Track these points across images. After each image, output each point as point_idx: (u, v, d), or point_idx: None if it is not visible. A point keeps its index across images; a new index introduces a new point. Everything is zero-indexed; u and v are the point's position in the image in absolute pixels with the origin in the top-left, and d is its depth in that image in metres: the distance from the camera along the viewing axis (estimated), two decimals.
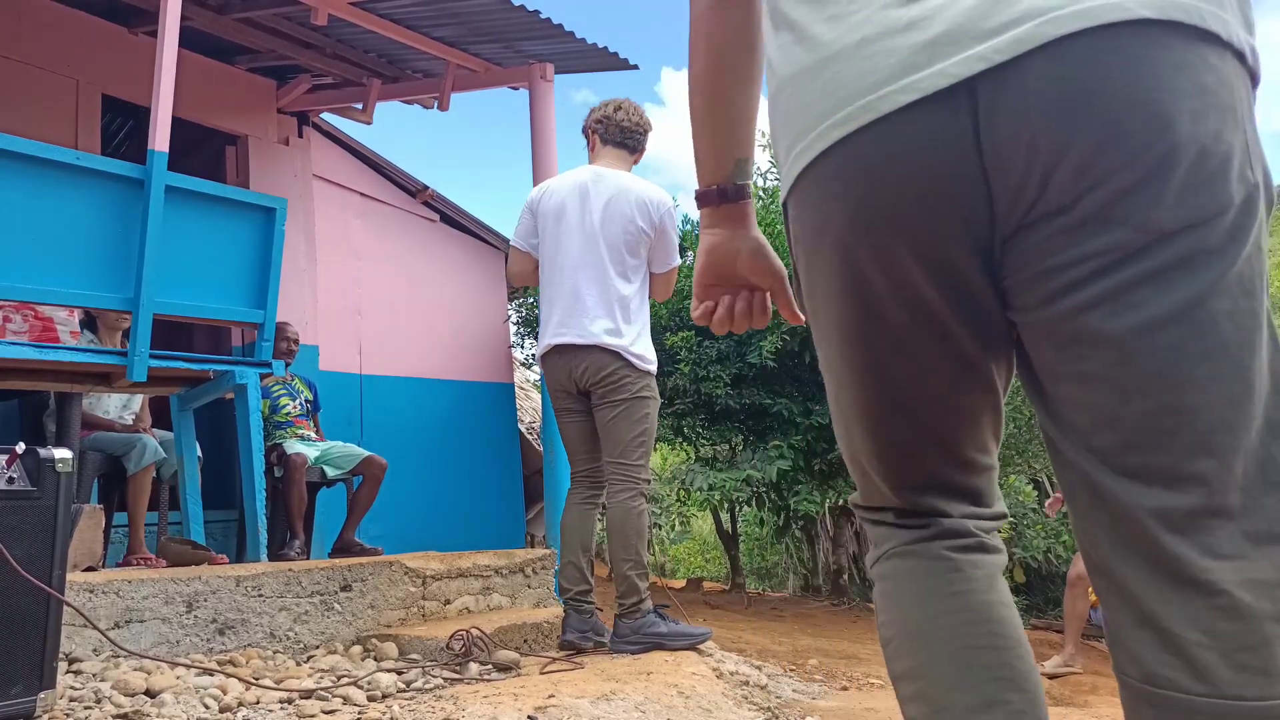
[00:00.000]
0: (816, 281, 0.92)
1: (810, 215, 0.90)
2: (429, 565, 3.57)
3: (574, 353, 3.06)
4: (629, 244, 3.12)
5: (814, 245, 0.91)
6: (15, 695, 1.91)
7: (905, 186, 0.82)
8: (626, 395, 3.04)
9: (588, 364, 3.05)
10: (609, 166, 3.22)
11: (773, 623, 5.84)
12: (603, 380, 3.05)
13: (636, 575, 3.01)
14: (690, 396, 6.24)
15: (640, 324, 3.11)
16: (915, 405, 0.92)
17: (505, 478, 6.95)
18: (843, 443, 1.01)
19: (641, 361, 3.06)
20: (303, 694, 2.34)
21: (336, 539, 4.50)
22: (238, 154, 5.63)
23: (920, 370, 0.90)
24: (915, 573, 0.95)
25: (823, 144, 0.85)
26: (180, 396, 3.78)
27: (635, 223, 3.11)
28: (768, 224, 6.48)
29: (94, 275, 3.13)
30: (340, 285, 6.06)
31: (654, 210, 3.13)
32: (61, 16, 4.81)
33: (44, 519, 2.01)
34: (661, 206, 3.14)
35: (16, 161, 2.95)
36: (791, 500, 6.26)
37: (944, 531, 0.96)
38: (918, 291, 0.86)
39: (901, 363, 0.90)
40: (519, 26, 4.78)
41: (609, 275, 3.09)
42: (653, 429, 3.11)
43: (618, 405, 3.05)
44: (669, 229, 3.15)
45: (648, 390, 3.07)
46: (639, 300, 3.14)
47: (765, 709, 2.67)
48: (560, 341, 3.08)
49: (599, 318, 3.05)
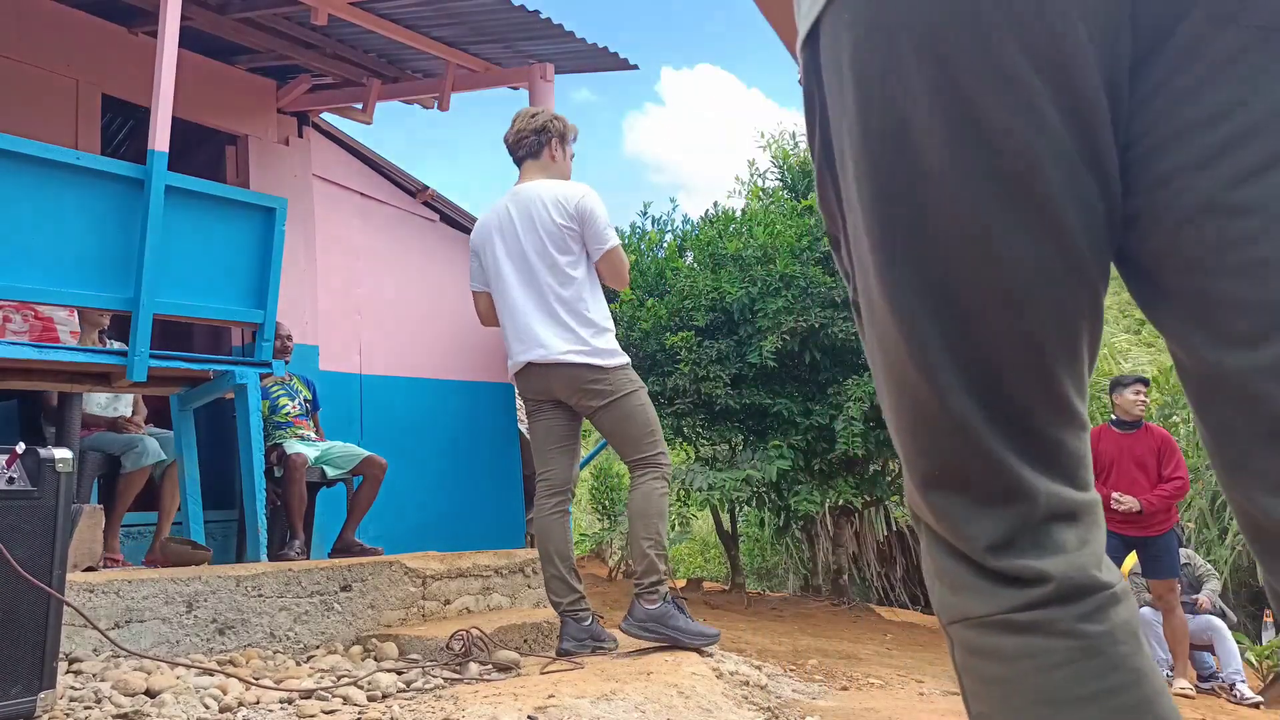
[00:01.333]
0: (885, 123, 0.68)
1: (872, 17, 0.67)
2: (429, 565, 3.57)
3: (545, 371, 3.11)
4: (555, 243, 3.12)
5: (878, 70, 0.67)
6: (15, 695, 1.91)
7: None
8: (614, 397, 3.08)
9: (562, 382, 3.09)
10: (527, 180, 3.26)
11: (773, 623, 5.84)
12: (582, 393, 3.09)
13: (656, 555, 3.02)
14: (690, 396, 6.24)
15: (596, 317, 3.12)
16: (1022, 293, 0.68)
17: (505, 478, 6.95)
18: (900, 390, 0.75)
19: (610, 357, 3.08)
20: (303, 694, 2.34)
21: (336, 539, 4.50)
22: (238, 154, 5.63)
23: (1034, 239, 0.67)
24: (1041, 666, 0.69)
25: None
26: (180, 396, 3.77)
27: (554, 221, 3.12)
28: (767, 224, 6.48)
29: (94, 275, 3.13)
30: (340, 285, 6.06)
31: (568, 202, 3.13)
32: (61, 16, 4.81)
33: (44, 519, 2.01)
34: (574, 197, 3.14)
35: (16, 161, 2.95)
36: (791, 500, 6.26)
37: (1065, 591, 0.70)
38: (1043, 122, 0.65)
39: (1012, 228, 0.67)
40: (519, 26, 4.78)
41: (545, 287, 3.11)
42: (651, 412, 3.15)
43: (610, 410, 3.09)
44: (589, 213, 3.13)
45: (627, 383, 3.09)
46: (588, 294, 3.13)
47: (765, 709, 2.67)
48: (529, 359, 3.13)
49: (554, 334, 3.08)
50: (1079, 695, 0.67)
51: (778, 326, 5.87)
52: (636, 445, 3.10)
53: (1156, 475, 5.06)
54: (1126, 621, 0.70)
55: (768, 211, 7.03)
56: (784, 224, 6.42)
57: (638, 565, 3.06)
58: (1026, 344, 0.70)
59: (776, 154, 9.03)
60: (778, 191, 8.52)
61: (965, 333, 0.70)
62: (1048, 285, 0.68)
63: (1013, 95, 0.64)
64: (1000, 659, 0.71)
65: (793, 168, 8.55)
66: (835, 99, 0.71)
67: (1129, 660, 0.68)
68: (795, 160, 8.68)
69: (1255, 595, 8.43)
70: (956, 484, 0.74)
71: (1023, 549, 0.72)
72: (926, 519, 0.78)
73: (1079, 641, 0.68)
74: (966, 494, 0.74)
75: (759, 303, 6.05)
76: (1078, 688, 0.67)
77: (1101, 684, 0.67)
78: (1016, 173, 0.66)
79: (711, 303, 6.06)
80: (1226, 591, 7.05)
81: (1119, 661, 0.68)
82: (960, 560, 0.75)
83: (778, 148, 9.25)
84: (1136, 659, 0.69)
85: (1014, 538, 0.72)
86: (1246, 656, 5.88)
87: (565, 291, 3.10)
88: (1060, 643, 0.69)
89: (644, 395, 3.15)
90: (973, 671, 0.74)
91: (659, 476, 3.09)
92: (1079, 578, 0.70)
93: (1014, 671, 0.70)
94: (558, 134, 3.29)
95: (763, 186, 9.16)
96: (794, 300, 5.96)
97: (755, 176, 9.45)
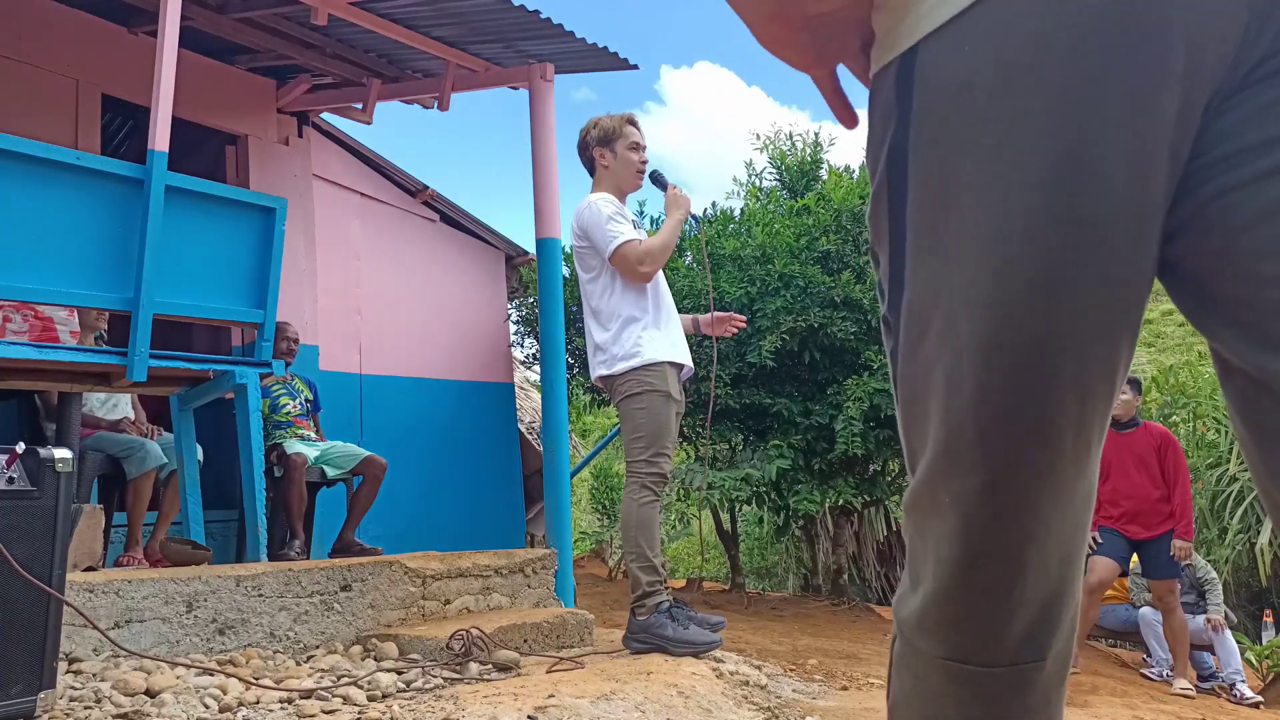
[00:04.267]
0: (985, 156, 0.67)
1: (993, 49, 0.66)
2: (429, 565, 3.57)
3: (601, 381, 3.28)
4: (580, 263, 3.25)
5: (993, 99, 0.66)
6: (15, 695, 1.91)
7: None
8: (618, 399, 3.15)
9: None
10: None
11: (773, 623, 5.84)
12: (612, 398, 3.23)
13: (639, 569, 3.03)
14: (690, 396, 6.24)
15: (615, 325, 3.16)
16: (1084, 342, 0.68)
17: (505, 478, 6.95)
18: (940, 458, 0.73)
19: (620, 363, 3.11)
20: (303, 694, 2.34)
21: (336, 539, 4.50)
22: (238, 154, 5.63)
23: (1108, 284, 0.67)
24: (960, 716, 0.77)
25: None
26: (180, 396, 3.77)
27: (575, 245, 3.27)
28: (765, 224, 6.48)
29: (94, 275, 3.13)
30: (340, 285, 6.06)
31: (575, 222, 3.25)
32: (61, 16, 4.80)
33: (44, 519, 2.01)
34: (578, 214, 3.24)
35: (16, 161, 2.95)
36: (791, 500, 6.26)
37: (1003, 657, 0.76)
38: (1151, 158, 0.65)
39: (1093, 270, 0.67)
40: (519, 26, 4.77)
41: (586, 303, 3.26)
42: (650, 421, 3.08)
43: (619, 412, 3.16)
44: (588, 227, 3.19)
45: (635, 385, 3.09)
46: (608, 300, 3.18)
47: (765, 709, 2.67)
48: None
49: (592, 350, 3.23)
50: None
51: (777, 326, 5.87)
52: (628, 450, 3.13)
53: (1158, 473, 5.06)
54: (1045, 690, 0.76)
55: (766, 211, 7.03)
56: (782, 224, 6.42)
57: (630, 580, 3.12)
58: (1077, 401, 0.71)
59: (773, 155, 9.01)
60: (775, 191, 8.52)
61: (1021, 385, 0.70)
62: (1103, 331, 0.69)
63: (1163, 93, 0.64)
64: (926, 686, 0.78)
65: (790, 168, 8.54)
66: (955, 114, 0.70)
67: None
68: (793, 161, 8.68)
69: (1255, 595, 8.43)
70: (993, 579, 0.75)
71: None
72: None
73: (997, 706, 0.75)
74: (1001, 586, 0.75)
75: (758, 303, 6.05)
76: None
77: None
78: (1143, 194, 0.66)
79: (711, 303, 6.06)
80: (1227, 591, 7.05)
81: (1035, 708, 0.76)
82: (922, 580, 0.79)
83: (774, 149, 9.23)
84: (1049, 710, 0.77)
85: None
86: (1246, 656, 5.88)
87: (591, 304, 3.23)
88: (980, 706, 0.75)
89: (651, 401, 3.09)
90: (902, 670, 0.81)
91: (640, 486, 3.07)
92: (1021, 650, 0.75)
93: (935, 706, 0.78)
94: (597, 141, 3.32)
95: (760, 187, 9.14)
96: (793, 300, 5.96)
97: (753, 177, 9.43)
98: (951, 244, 0.70)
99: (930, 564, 0.77)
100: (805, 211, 6.56)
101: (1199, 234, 0.68)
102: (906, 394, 0.77)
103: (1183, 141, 0.67)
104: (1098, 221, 0.65)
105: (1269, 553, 7.60)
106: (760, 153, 9.45)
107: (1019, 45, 0.65)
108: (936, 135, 0.70)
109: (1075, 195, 0.65)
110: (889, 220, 0.76)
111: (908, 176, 0.73)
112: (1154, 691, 4.97)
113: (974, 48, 0.67)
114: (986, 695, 0.76)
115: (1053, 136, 0.65)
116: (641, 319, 3.16)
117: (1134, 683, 5.22)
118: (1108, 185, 0.65)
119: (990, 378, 0.69)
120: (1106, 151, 0.65)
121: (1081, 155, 0.65)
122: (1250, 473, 0.70)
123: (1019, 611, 0.74)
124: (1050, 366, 0.68)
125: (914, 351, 0.74)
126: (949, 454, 0.72)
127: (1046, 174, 0.65)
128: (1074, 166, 0.65)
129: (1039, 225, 0.66)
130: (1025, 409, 0.69)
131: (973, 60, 0.67)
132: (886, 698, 0.85)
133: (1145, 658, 5.82)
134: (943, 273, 0.70)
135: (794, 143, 9.33)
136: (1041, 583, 0.74)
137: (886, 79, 0.74)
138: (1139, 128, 0.65)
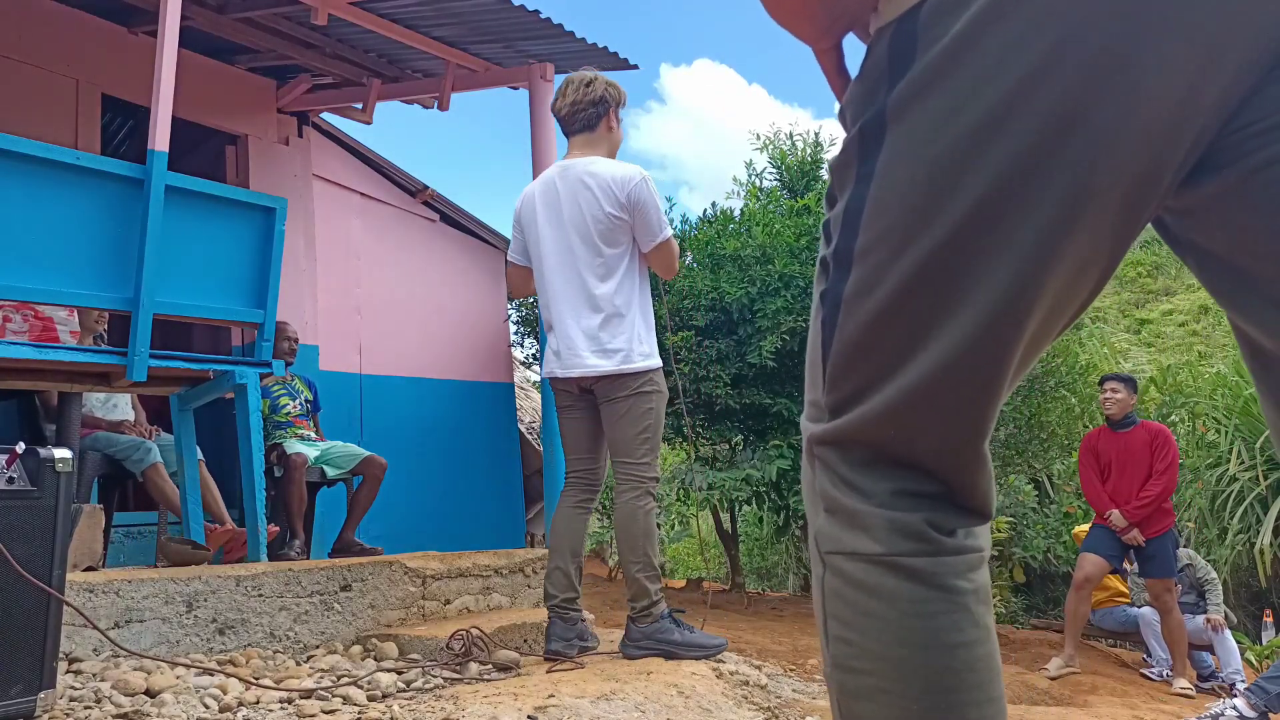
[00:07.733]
0: (995, 110, 0.68)
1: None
2: (429, 565, 3.57)
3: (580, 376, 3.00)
4: (603, 235, 2.93)
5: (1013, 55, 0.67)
6: (15, 695, 1.91)
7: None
8: (627, 392, 2.94)
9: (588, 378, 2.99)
10: (578, 156, 3.05)
11: (773, 622, 5.83)
12: (602, 383, 2.98)
13: (645, 578, 2.93)
14: (690, 396, 6.24)
15: (631, 318, 2.95)
16: (1063, 300, 0.72)
17: (505, 478, 6.95)
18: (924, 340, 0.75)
19: (636, 361, 2.94)
20: (303, 694, 2.34)
21: (336, 539, 4.50)
22: (238, 154, 5.63)
23: (1094, 246, 0.70)
24: (917, 612, 0.75)
25: None
26: (180, 396, 3.77)
27: (604, 210, 2.92)
28: (765, 223, 6.48)
29: (94, 275, 3.13)
30: (340, 285, 6.06)
31: (619, 189, 2.92)
32: (61, 16, 4.80)
33: (44, 519, 2.01)
34: (629, 183, 2.92)
35: (16, 161, 2.95)
36: (791, 500, 6.26)
37: (963, 547, 0.77)
38: (1184, 126, 0.66)
39: (1091, 231, 0.68)
40: (519, 26, 4.78)
41: (584, 277, 2.95)
42: (657, 425, 2.98)
43: (619, 404, 2.96)
44: (643, 202, 2.93)
45: (649, 385, 2.95)
46: (627, 291, 2.96)
47: (765, 709, 2.67)
48: (560, 375, 3.01)
49: (583, 339, 2.94)
50: (944, 643, 0.74)
51: (777, 326, 5.87)
52: (628, 450, 2.96)
53: (1151, 471, 5.07)
54: (985, 584, 0.78)
55: (766, 211, 7.02)
56: (782, 224, 6.42)
57: (629, 589, 2.98)
58: (1016, 355, 0.75)
59: (774, 155, 9.02)
60: (775, 191, 8.52)
61: (997, 333, 0.73)
62: (1078, 291, 0.74)
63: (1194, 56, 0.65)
64: (879, 597, 0.76)
65: (790, 167, 8.54)
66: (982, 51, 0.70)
67: (984, 619, 0.77)
68: (793, 160, 8.68)
69: (1255, 595, 8.44)
70: (906, 448, 0.77)
71: (923, 507, 0.77)
72: (830, 459, 0.81)
73: (952, 596, 0.75)
74: (913, 456, 0.77)
75: (758, 303, 6.05)
76: (944, 636, 0.74)
77: (962, 636, 0.75)
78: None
79: (711, 303, 6.06)
80: (1227, 591, 7.05)
81: (978, 619, 0.76)
82: (860, 499, 0.78)
83: (774, 148, 9.23)
84: (988, 618, 0.78)
85: (924, 500, 0.78)
86: (1246, 656, 5.88)
87: (602, 289, 2.93)
88: (936, 594, 0.75)
89: (660, 405, 2.99)
90: (846, 601, 0.79)
91: (644, 494, 2.94)
92: (972, 544, 0.78)
93: (891, 612, 0.76)
94: (615, 102, 3.06)
95: (760, 186, 9.15)
96: (793, 300, 5.96)
97: (753, 177, 9.43)
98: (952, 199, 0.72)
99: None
100: (806, 211, 6.55)
101: (1242, 206, 0.67)
102: (871, 316, 0.77)
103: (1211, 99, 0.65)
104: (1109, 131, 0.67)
105: (1269, 553, 7.60)
106: (760, 152, 9.45)
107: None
108: (939, 82, 0.71)
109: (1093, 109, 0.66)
110: (856, 170, 0.77)
111: (886, 130, 0.74)
112: (1154, 691, 4.98)
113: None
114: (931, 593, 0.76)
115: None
116: (649, 316, 3.05)
117: (1134, 683, 5.22)
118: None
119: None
120: (1154, 60, 0.65)
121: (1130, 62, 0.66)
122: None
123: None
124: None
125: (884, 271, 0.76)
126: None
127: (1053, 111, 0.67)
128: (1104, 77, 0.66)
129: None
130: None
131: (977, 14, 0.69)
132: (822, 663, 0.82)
133: (1145, 658, 5.82)
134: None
135: (794, 142, 9.34)
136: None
137: (884, 36, 0.76)
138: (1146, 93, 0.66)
